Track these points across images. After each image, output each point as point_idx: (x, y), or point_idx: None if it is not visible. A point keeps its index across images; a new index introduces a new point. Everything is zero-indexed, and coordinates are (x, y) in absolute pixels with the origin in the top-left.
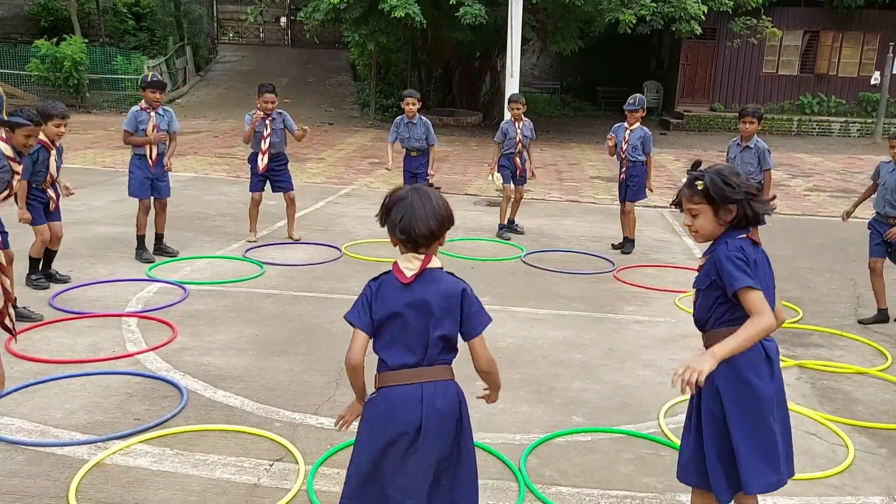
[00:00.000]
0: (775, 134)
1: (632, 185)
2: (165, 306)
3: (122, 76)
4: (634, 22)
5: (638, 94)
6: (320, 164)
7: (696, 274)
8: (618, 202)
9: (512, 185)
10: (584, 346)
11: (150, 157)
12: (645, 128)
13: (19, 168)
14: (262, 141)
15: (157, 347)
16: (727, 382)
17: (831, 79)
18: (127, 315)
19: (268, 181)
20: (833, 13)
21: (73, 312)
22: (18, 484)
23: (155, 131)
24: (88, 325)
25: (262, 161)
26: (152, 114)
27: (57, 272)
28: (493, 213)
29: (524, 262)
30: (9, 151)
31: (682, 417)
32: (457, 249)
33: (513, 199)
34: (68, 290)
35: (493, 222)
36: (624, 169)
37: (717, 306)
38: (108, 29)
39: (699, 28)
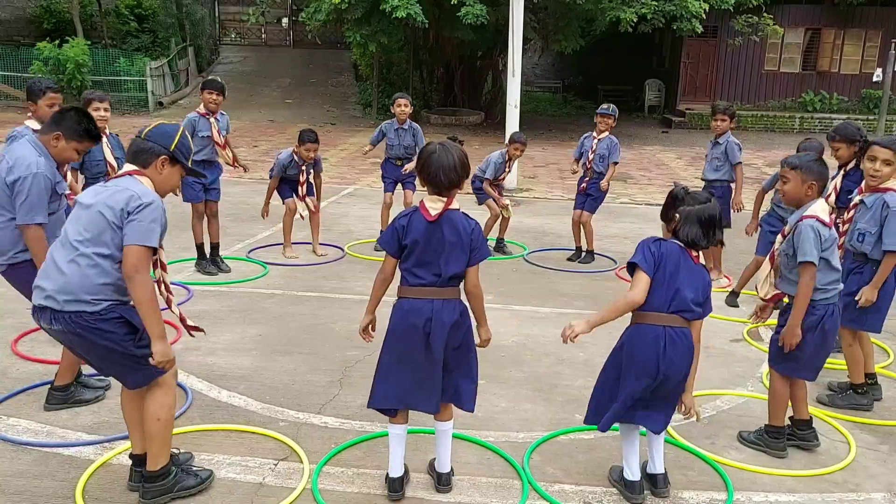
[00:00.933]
0: (777, 131)
1: (592, 195)
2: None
3: (125, 78)
4: (636, 20)
5: (611, 104)
6: (323, 164)
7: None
8: (618, 200)
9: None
10: (586, 345)
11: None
12: (613, 136)
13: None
14: (299, 186)
15: None
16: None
17: (833, 76)
18: None
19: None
20: (834, 10)
21: None
22: (26, 484)
23: (220, 135)
24: None
25: (301, 191)
26: (212, 119)
27: None
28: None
29: (527, 260)
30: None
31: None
32: None
33: (500, 218)
34: None
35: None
36: (587, 179)
37: None
38: (110, 31)
39: (700, 26)
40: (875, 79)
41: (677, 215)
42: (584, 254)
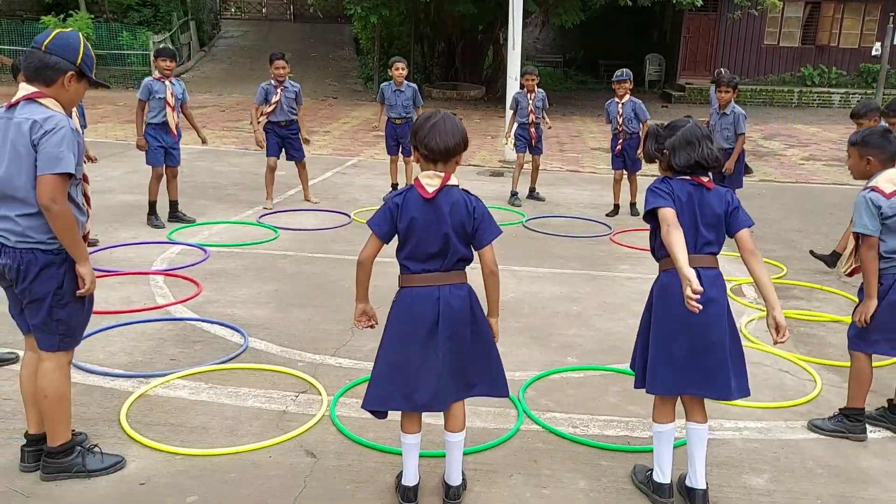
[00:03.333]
0: (776, 105)
1: (632, 156)
2: (189, 265)
3: (128, 52)
4: None
5: (625, 69)
6: (326, 136)
7: None
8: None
9: (528, 154)
10: (579, 300)
11: (172, 128)
12: (634, 98)
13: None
14: (270, 105)
15: (185, 300)
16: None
17: (832, 50)
18: (154, 273)
19: (283, 150)
20: None
21: (103, 270)
22: (75, 410)
23: (173, 98)
24: (119, 282)
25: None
26: (167, 83)
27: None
28: (495, 183)
29: (526, 227)
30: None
31: None
32: None
33: (531, 168)
34: (96, 251)
35: (497, 191)
36: (621, 140)
37: None
38: (112, 5)
39: (699, 0)
40: (874, 52)
41: (665, 150)
42: (631, 207)
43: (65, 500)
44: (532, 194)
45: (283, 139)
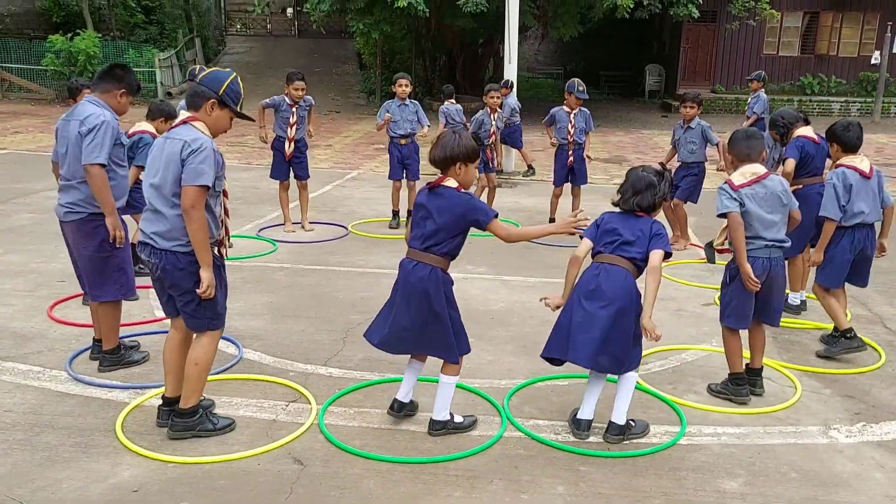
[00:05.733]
0: None
1: (581, 168)
2: None
3: (135, 69)
4: (632, 6)
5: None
6: (328, 150)
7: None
8: (613, 182)
9: (483, 174)
10: None
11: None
12: (585, 109)
13: None
14: (289, 128)
15: None
16: None
17: (832, 59)
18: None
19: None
20: None
21: None
22: (72, 421)
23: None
24: None
25: (290, 148)
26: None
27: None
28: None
29: None
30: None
31: (652, 366)
32: None
33: (487, 188)
34: None
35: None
36: (571, 152)
37: None
38: (118, 23)
39: (696, 11)
40: (873, 61)
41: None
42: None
43: None
44: None
45: (292, 159)
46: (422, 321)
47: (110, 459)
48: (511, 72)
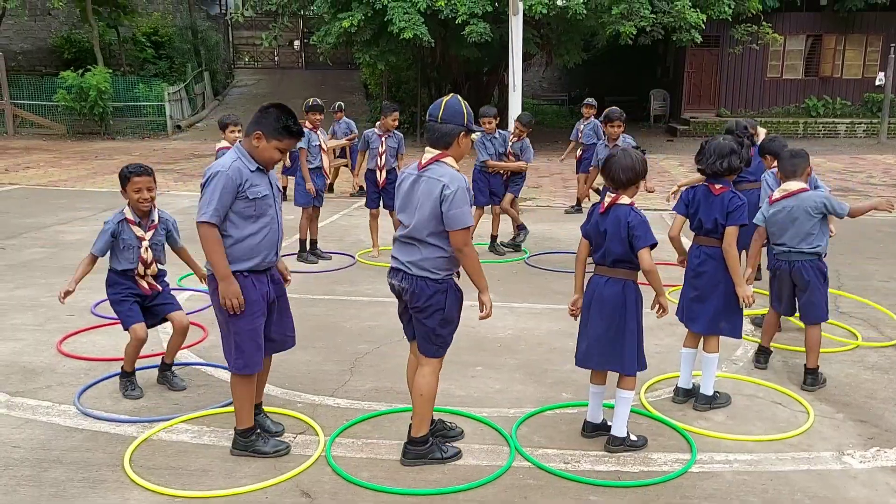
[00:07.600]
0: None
1: (516, 181)
2: (196, 311)
3: (144, 103)
4: (635, 33)
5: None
6: (340, 175)
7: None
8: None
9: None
10: (576, 335)
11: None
12: (526, 139)
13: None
14: (378, 157)
15: (191, 345)
16: None
17: (836, 81)
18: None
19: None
20: (834, 17)
21: (113, 318)
22: (80, 456)
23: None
24: None
25: (381, 176)
26: (318, 133)
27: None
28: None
29: (527, 263)
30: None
31: (662, 393)
32: None
33: (492, 215)
34: (106, 299)
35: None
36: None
37: None
38: (128, 58)
39: (699, 36)
40: (878, 83)
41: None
42: (520, 231)
43: None
44: (493, 244)
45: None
46: (612, 332)
47: (118, 494)
48: (516, 99)
